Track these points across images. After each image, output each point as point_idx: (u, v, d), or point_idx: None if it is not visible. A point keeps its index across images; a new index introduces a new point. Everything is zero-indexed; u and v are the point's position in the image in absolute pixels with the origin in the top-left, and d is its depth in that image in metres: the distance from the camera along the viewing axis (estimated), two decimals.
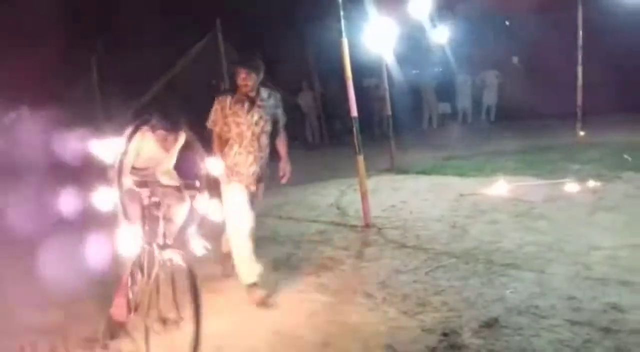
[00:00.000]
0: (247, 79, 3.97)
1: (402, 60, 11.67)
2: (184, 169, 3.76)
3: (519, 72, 14.17)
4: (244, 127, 4.06)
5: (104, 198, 3.14)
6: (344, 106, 6.30)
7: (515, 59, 14.51)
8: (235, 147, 4.07)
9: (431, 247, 4.95)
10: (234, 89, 4.09)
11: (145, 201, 3.37)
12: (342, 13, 5.61)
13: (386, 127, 10.25)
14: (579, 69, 9.34)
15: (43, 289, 4.28)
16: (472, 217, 5.80)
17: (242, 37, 11.12)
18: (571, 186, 6.59)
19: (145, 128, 3.39)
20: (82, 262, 4.09)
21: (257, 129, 4.09)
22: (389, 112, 9.44)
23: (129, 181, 3.37)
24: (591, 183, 6.67)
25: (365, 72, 12.12)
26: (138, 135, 3.37)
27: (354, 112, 5.74)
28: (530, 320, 3.39)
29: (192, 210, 3.54)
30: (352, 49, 5.86)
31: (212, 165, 3.48)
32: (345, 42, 5.65)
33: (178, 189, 3.60)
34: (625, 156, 7.86)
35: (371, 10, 8.01)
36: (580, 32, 9.23)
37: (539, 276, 4.09)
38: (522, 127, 12.23)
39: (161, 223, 3.32)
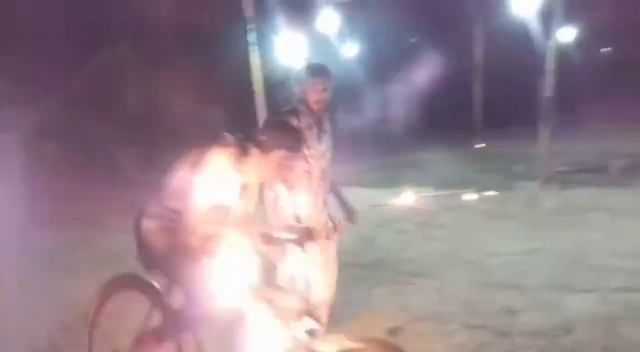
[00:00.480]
0: (324, 94, 3.03)
1: None
2: None
3: (422, 87, 14.78)
4: (312, 161, 3.06)
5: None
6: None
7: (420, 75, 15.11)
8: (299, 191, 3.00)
9: (341, 260, 5.02)
10: (294, 109, 3.03)
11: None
12: (250, 25, 5.60)
13: None
14: (477, 84, 9.90)
15: None
16: (380, 227, 5.96)
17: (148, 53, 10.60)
18: (470, 196, 6.97)
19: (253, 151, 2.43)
20: None
21: (325, 163, 3.16)
22: None
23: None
24: (489, 192, 7.08)
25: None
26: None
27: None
28: (431, 326, 3.53)
29: None
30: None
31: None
32: (255, 52, 5.62)
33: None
34: (519, 166, 8.42)
35: (281, 25, 8.06)
36: (477, 50, 9.80)
37: (440, 283, 4.27)
38: (427, 140, 12.74)
39: None
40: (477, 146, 10.23)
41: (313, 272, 2.98)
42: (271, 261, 2.59)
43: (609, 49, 15.84)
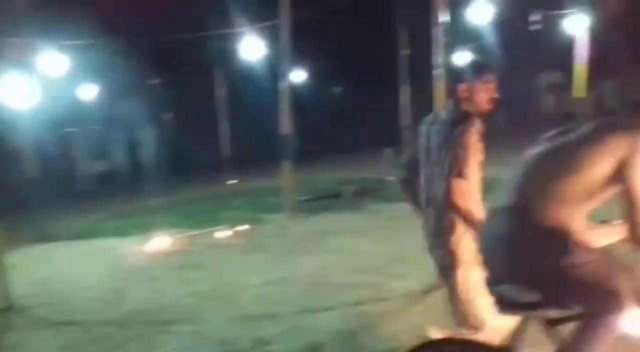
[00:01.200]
0: (495, 93, 2.71)
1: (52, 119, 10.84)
2: None
3: (173, 127, 14.72)
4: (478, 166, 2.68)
5: None
6: None
7: (167, 116, 15.05)
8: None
9: (83, 320, 4.60)
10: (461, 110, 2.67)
11: None
12: None
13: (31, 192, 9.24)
14: (225, 122, 10.19)
15: None
16: (130, 278, 5.63)
17: None
18: (225, 232, 7.08)
19: None
20: None
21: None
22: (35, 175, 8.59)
23: None
24: (242, 227, 7.28)
25: None
26: None
27: None
28: None
29: None
30: None
31: None
32: None
33: None
34: (268, 200, 8.86)
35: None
36: (221, 89, 10.11)
37: (196, 326, 4.20)
38: (179, 181, 12.64)
39: None
40: (229, 183, 10.47)
41: None
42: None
43: (340, 88, 17.85)
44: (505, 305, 2.06)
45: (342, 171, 10.99)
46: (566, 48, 8.12)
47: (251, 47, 8.00)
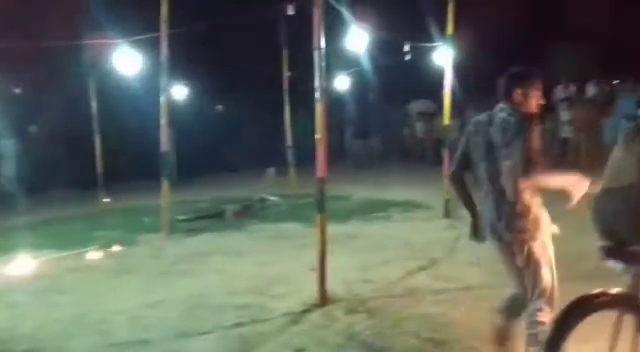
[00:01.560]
0: (542, 99, 3.10)
1: None
2: None
3: (39, 142, 13.64)
4: None
5: None
6: None
7: (32, 128, 13.91)
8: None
9: None
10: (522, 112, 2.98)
11: None
12: None
13: None
14: (96, 139, 9.64)
15: None
16: None
17: None
18: (95, 254, 6.67)
19: None
20: None
21: None
22: None
23: None
24: (114, 248, 6.91)
25: None
26: None
27: None
28: None
29: None
30: None
31: None
32: None
33: None
34: (144, 219, 8.51)
35: None
36: (94, 103, 9.58)
37: None
38: (45, 199, 11.75)
39: None
40: (103, 201, 9.91)
41: None
42: None
43: (221, 107, 17.66)
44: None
45: (224, 191, 10.85)
46: (438, 78, 8.73)
47: (127, 60, 7.66)
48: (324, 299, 4.53)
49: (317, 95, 4.57)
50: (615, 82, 12.01)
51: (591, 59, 13.02)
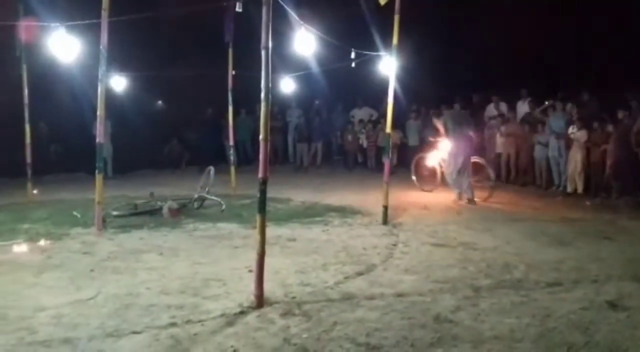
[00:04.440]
0: None
1: None
2: None
3: None
4: None
5: None
6: None
7: None
8: None
9: None
10: None
11: None
12: None
13: None
14: (27, 127, 9.18)
15: None
16: None
17: None
18: (19, 247, 6.35)
19: None
20: None
21: None
22: None
23: None
24: (41, 242, 6.60)
25: None
26: None
27: None
28: None
29: None
30: None
31: None
32: None
33: None
34: (75, 213, 8.16)
35: None
36: (26, 90, 9.12)
37: None
38: None
39: None
40: (31, 192, 9.43)
41: None
42: None
43: (160, 102, 17.26)
44: None
45: (161, 187, 10.57)
46: (382, 87, 8.86)
47: (63, 46, 7.29)
48: (260, 301, 4.50)
49: (262, 95, 4.53)
50: (547, 102, 12.60)
51: (520, 77, 13.58)
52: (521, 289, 4.96)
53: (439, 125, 10.06)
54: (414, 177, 11.28)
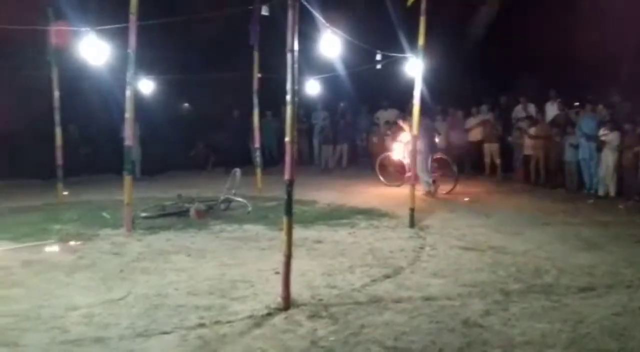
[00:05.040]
0: None
1: None
2: None
3: None
4: None
5: None
6: None
7: None
8: None
9: None
10: None
11: None
12: None
13: None
14: (58, 129, 9.36)
15: None
16: None
17: None
18: (51, 248, 6.47)
19: None
20: None
21: None
22: None
23: None
24: (72, 243, 6.71)
25: None
26: None
27: None
28: None
29: None
30: None
31: None
32: None
33: None
34: (104, 214, 8.29)
35: None
36: (56, 93, 9.30)
37: (13, 349, 3.75)
38: (2, 188, 11.37)
39: None
40: (62, 194, 9.61)
41: None
42: None
43: (187, 104, 17.41)
44: None
45: (187, 189, 10.67)
46: (406, 88, 8.81)
47: (93, 49, 7.42)
48: (287, 303, 4.50)
49: (288, 98, 4.54)
50: (575, 103, 12.37)
51: (549, 78, 13.37)
52: (552, 294, 4.87)
53: (405, 126, 10.99)
54: (380, 177, 12.16)
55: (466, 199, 10.14)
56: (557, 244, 6.71)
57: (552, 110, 12.55)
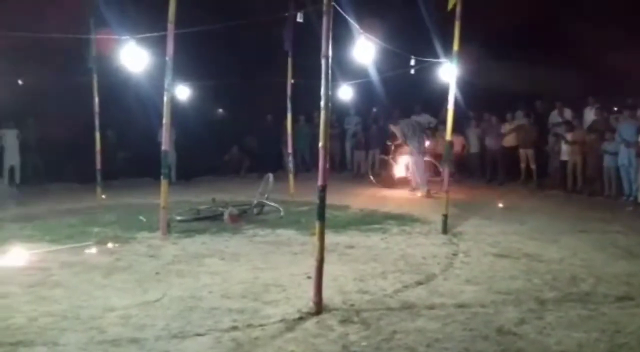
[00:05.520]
0: None
1: None
2: None
3: (36, 132, 13.59)
4: None
5: None
6: None
7: (30, 120, 13.82)
8: None
9: None
10: None
11: None
12: None
13: None
14: (97, 134, 9.62)
15: None
16: None
17: None
18: (90, 250, 6.65)
19: None
20: None
21: None
22: None
23: None
24: (109, 245, 6.88)
25: None
26: None
27: None
28: None
29: None
30: None
31: None
32: None
33: None
34: (141, 217, 8.48)
35: None
36: (96, 99, 9.57)
37: (52, 348, 3.86)
38: (42, 191, 11.74)
39: None
40: (100, 197, 9.87)
41: None
42: None
43: (221, 110, 17.67)
44: None
45: (221, 193, 10.82)
46: (440, 93, 8.77)
47: (133, 57, 7.64)
48: (319, 307, 4.52)
49: (322, 103, 4.57)
50: (615, 108, 12.08)
51: (588, 83, 13.09)
52: (589, 303, 4.77)
53: (397, 131, 11.60)
54: (371, 177, 13.14)
55: (500, 205, 10.00)
56: (593, 252, 6.56)
57: (590, 115, 12.29)
